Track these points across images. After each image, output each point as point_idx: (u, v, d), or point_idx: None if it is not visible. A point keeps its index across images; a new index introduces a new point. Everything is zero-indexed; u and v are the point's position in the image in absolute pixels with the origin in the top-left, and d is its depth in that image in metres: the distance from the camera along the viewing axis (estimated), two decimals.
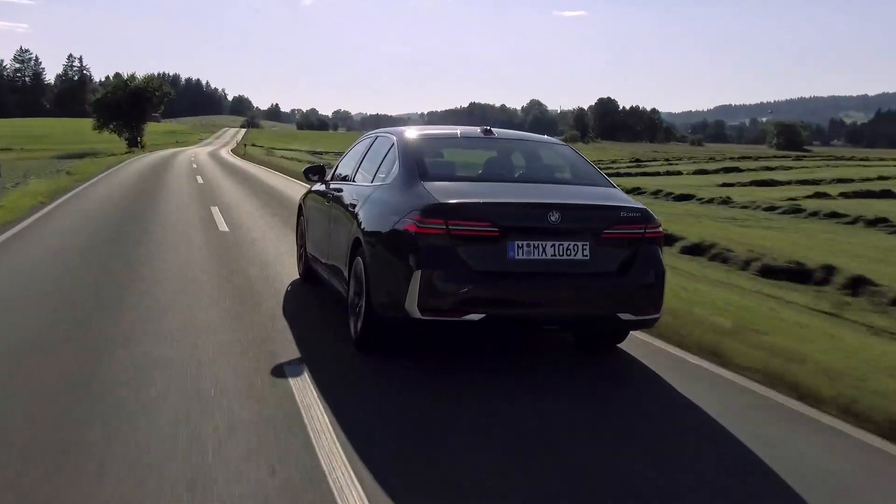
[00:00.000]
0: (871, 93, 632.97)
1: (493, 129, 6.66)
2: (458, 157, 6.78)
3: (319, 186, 7.80)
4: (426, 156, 6.04)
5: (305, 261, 8.18)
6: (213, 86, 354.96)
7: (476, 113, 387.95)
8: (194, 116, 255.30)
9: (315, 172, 7.91)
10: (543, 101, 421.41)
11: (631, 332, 6.12)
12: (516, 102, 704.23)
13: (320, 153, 73.66)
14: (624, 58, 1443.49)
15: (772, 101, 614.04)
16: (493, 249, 5.02)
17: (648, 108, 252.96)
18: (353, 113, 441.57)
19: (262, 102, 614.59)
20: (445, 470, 3.84)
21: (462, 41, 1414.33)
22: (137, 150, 70.81)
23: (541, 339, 6.41)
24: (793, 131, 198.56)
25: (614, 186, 6.01)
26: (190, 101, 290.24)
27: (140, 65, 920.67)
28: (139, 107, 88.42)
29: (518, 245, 5.04)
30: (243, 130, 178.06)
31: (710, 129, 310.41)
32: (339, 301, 6.55)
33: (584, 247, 5.14)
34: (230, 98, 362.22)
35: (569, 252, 5.10)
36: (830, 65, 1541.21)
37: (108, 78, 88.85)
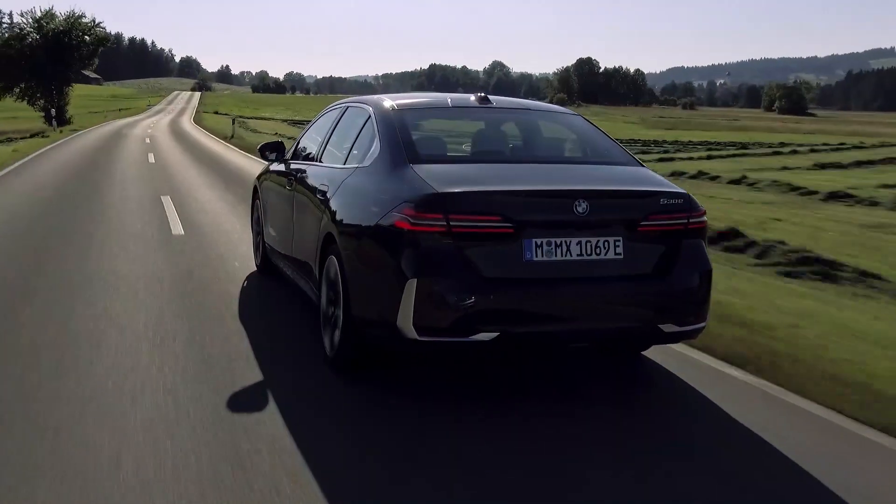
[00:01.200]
0: (821, 54, 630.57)
1: (489, 96, 5.43)
2: (448, 131, 5.78)
3: (279, 166, 6.54)
4: (413, 131, 4.81)
5: (263, 251, 7.02)
6: (158, 46, 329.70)
7: (437, 74, 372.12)
8: (139, 79, 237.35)
9: (273, 150, 6.57)
10: (506, 63, 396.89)
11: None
12: (478, 64, 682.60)
13: (302, 123, 55.09)
14: (575, 19, 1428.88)
15: (724, 63, 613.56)
16: (506, 250, 3.98)
17: (632, 70, 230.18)
18: (305, 75, 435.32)
19: (210, 64, 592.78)
20: None
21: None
22: (53, 132, 43.94)
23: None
24: (797, 94, 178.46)
25: (642, 165, 4.88)
26: (134, 63, 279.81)
27: None
28: (60, 60, 58.38)
29: (536, 243, 4.01)
30: (198, 94, 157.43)
31: (679, 91, 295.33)
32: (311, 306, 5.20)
33: (617, 243, 4.13)
34: (177, 59, 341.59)
35: (598, 250, 4.10)
36: (780, 27, 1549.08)
37: None
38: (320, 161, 5.67)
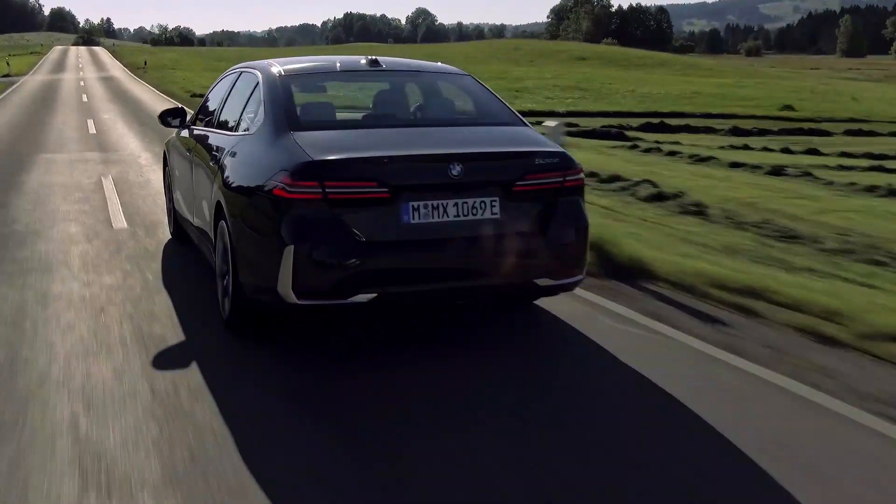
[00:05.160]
0: (710, 0, 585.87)
1: (379, 59, 5.01)
2: (340, 96, 5.55)
3: (183, 132, 6.00)
4: (298, 97, 4.56)
5: (175, 218, 6.44)
6: None
7: (354, 25, 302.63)
8: (1, 35, 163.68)
9: (175, 116, 6.04)
10: (432, 11, 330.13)
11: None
12: (398, 12, 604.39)
13: None
14: None
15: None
16: (384, 214, 3.84)
17: (653, 7, 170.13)
18: (193, 29, 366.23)
19: (85, 18, 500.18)
20: None
21: None
22: None
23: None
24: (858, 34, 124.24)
25: (526, 125, 4.65)
26: None
27: None
28: None
29: (413, 207, 3.85)
30: (99, 50, 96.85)
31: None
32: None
33: (493, 203, 3.99)
34: (47, 12, 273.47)
35: (475, 211, 3.95)
36: None
37: None
38: (216, 127, 5.23)
